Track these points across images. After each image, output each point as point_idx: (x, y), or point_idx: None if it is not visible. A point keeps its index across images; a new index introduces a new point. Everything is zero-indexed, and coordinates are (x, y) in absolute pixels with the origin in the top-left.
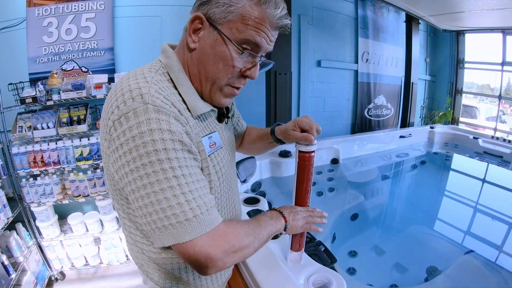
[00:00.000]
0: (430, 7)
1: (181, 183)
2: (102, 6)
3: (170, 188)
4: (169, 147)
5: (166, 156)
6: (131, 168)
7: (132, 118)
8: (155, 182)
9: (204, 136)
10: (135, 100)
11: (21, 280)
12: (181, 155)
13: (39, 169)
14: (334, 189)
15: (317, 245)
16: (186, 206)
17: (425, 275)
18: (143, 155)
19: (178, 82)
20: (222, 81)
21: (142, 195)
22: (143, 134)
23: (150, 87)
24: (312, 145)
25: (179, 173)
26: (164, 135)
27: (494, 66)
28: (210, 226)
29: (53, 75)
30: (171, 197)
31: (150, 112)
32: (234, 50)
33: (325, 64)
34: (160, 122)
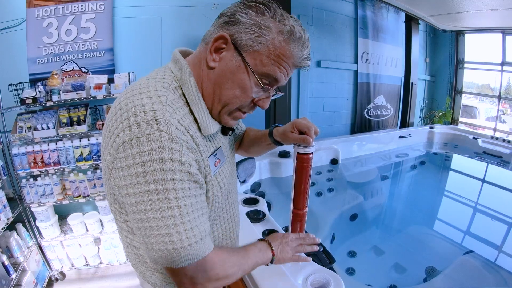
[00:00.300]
0: (429, 7)
1: (182, 213)
2: (102, 6)
3: (172, 217)
4: (177, 177)
5: (172, 186)
6: (135, 192)
7: (144, 143)
8: (158, 209)
9: (210, 155)
10: (149, 125)
11: (21, 280)
12: (186, 185)
13: (39, 170)
14: (334, 190)
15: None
16: (183, 234)
17: (424, 276)
18: (150, 182)
19: (191, 99)
20: (234, 106)
21: (142, 218)
22: (153, 162)
23: (166, 110)
24: (310, 147)
25: (182, 203)
26: (174, 165)
27: (494, 66)
28: (201, 255)
29: (53, 76)
30: (171, 225)
31: (163, 141)
32: (254, 82)
33: (324, 65)
34: (172, 152)
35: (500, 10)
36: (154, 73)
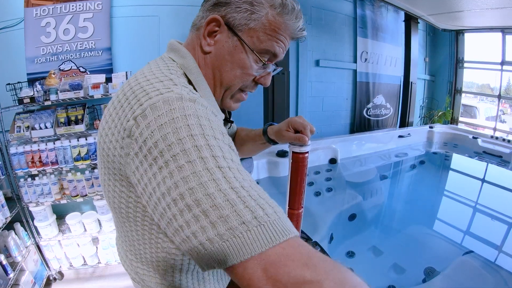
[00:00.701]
0: (429, 6)
1: (237, 177)
2: (99, 6)
3: (213, 180)
4: (209, 133)
5: (205, 142)
6: (159, 165)
7: (161, 107)
8: (191, 175)
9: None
10: (163, 93)
11: (19, 279)
12: (225, 147)
13: (37, 169)
14: (332, 189)
15: (312, 246)
16: (240, 205)
17: (423, 276)
18: (174, 144)
19: (198, 85)
20: (236, 87)
21: (174, 198)
22: (174, 120)
23: (182, 89)
24: (306, 146)
25: (224, 164)
26: (201, 121)
27: (494, 66)
28: (288, 233)
29: (50, 75)
30: (236, 199)
31: (184, 101)
32: (254, 59)
33: (323, 64)
34: (196, 109)
35: (500, 9)
36: (154, 63)
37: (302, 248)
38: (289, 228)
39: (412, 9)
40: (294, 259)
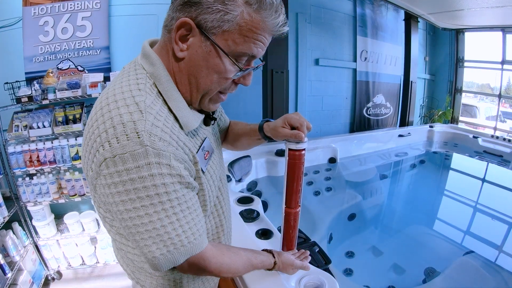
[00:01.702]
0: (429, 5)
1: (179, 218)
2: (98, 4)
3: (170, 224)
4: (170, 190)
5: (167, 198)
6: (127, 208)
7: (129, 161)
8: (157, 221)
9: (197, 150)
10: (130, 139)
11: (17, 279)
12: (180, 194)
13: (35, 168)
14: (332, 189)
15: (311, 245)
16: (183, 235)
17: (423, 277)
18: (144, 198)
19: (167, 96)
20: (214, 92)
21: (140, 231)
22: (144, 179)
23: (146, 120)
24: (302, 143)
25: (178, 210)
26: (165, 179)
27: (494, 65)
28: (200, 248)
29: (48, 74)
30: (171, 231)
31: (150, 156)
32: (230, 63)
33: (323, 63)
34: (161, 167)
35: (500, 7)
36: (125, 72)
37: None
38: (202, 243)
39: (412, 8)
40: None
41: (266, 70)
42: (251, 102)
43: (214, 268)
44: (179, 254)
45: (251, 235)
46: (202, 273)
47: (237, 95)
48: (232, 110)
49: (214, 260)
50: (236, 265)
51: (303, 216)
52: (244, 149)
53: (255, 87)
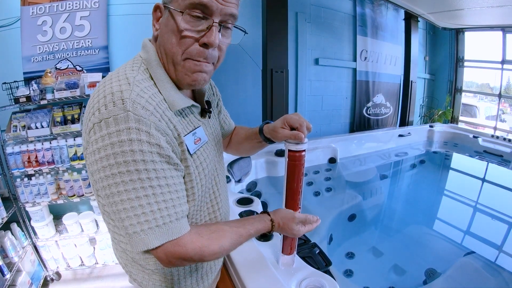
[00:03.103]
0: (429, 4)
1: (156, 193)
2: (96, 4)
3: (146, 196)
4: (147, 158)
5: (144, 167)
6: (106, 175)
7: (112, 124)
8: (132, 190)
9: (187, 133)
10: (116, 105)
11: (16, 280)
12: (159, 166)
13: (34, 169)
14: (332, 189)
15: (311, 247)
16: (158, 214)
17: (424, 278)
18: (121, 164)
19: (156, 77)
20: (178, 56)
21: (116, 201)
22: (122, 143)
23: (132, 90)
24: (302, 144)
25: (155, 183)
26: (143, 146)
27: (494, 65)
28: (177, 234)
29: (46, 74)
30: (146, 205)
31: (130, 121)
32: (184, 19)
33: (323, 62)
34: (140, 133)
35: (500, 7)
36: (129, 61)
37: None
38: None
39: (412, 7)
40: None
41: (266, 70)
42: (250, 102)
43: (193, 254)
44: (154, 236)
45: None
46: (183, 263)
47: (237, 95)
48: (232, 110)
49: (191, 245)
50: (220, 244)
51: None
52: (248, 154)
53: (254, 86)
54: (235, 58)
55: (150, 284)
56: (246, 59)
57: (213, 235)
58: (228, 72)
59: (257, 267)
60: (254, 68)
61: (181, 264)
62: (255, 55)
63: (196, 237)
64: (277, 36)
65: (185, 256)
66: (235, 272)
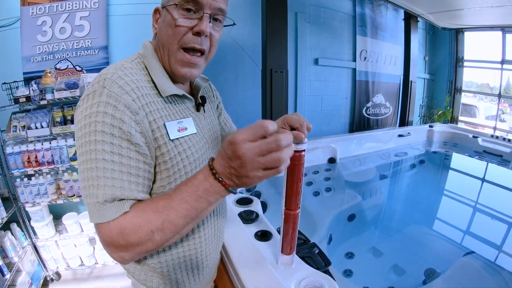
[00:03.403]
0: (429, 4)
1: (106, 167)
2: (96, 4)
3: (96, 168)
4: (106, 130)
5: (101, 138)
6: (77, 145)
7: (90, 99)
8: (88, 160)
9: (172, 120)
10: (99, 84)
11: (16, 280)
12: (117, 141)
13: (33, 169)
14: (331, 189)
15: (311, 247)
16: (101, 189)
17: (423, 278)
18: (86, 134)
19: (149, 66)
20: (174, 46)
21: (79, 170)
22: (91, 114)
23: (115, 73)
24: (302, 144)
25: (108, 157)
26: (106, 118)
27: (494, 65)
28: (113, 216)
29: (46, 74)
30: (95, 177)
31: (103, 96)
32: (176, 12)
33: (322, 62)
34: (107, 106)
35: (500, 7)
36: None
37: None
38: (119, 212)
39: (412, 8)
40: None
41: (265, 70)
42: (250, 102)
43: (118, 239)
44: (94, 211)
45: (250, 237)
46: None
47: (236, 95)
48: (232, 110)
49: (115, 231)
50: (147, 222)
51: (302, 217)
52: None
53: (254, 86)
54: (234, 58)
55: (142, 274)
56: (245, 59)
57: (138, 214)
58: (227, 72)
59: (256, 267)
60: (254, 68)
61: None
62: (255, 55)
63: (121, 219)
64: (276, 36)
65: (111, 243)
66: (234, 271)
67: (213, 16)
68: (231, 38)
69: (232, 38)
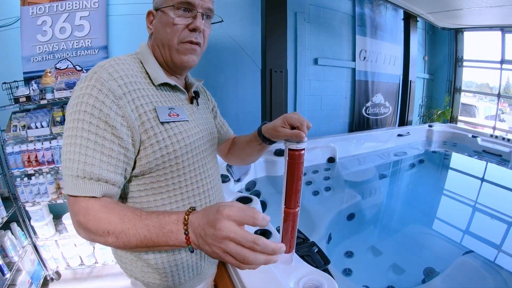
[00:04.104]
0: (428, 4)
1: (82, 144)
2: (96, 4)
3: (74, 144)
4: (87, 110)
5: (82, 117)
6: (66, 120)
7: (82, 81)
8: (68, 136)
9: (162, 106)
10: (93, 70)
11: (16, 280)
12: (95, 122)
13: (34, 169)
14: (331, 188)
15: (310, 246)
16: (75, 164)
17: (423, 277)
18: (72, 112)
19: (144, 60)
20: (174, 41)
21: (63, 144)
22: (79, 96)
23: (108, 62)
24: (303, 143)
25: (85, 135)
26: (89, 100)
27: (493, 64)
28: (82, 193)
29: (46, 74)
30: (71, 152)
31: (92, 80)
32: (172, 13)
33: (322, 62)
34: (93, 89)
35: (499, 7)
36: None
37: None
38: (89, 191)
39: (411, 7)
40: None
41: (265, 70)
42: (250, 101)
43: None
44: (66, 183)
45: None
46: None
47: (236, 94)
48: (232, 109)
49: (81, 209)
50: (107, 222)
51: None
52: (251, 160)
53: (253, 86)
54: (234, 58)
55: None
56: (245, 59)
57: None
58: (227, 72)
59: None
60: (253, 68)
61: (79, 229)
62: (254, 55)
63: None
64: (276, 36)
65: (74, 219)
66: (233, 269)
67: (205, 14)
68: (231, 38)
69: (231, 38)
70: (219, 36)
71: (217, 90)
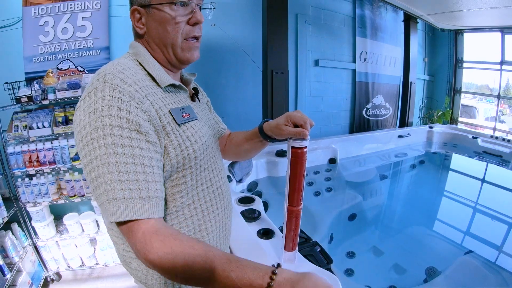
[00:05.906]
0: (428, 6)
1: (118, 161)
2: (98, 5)
3: (108, 164)
4: (114, 123)
5: (110, 132)
6: (83, 144)
7: (92, 95)
8: (98, 157)
9: (175, 108)
10: (99, 80)
11: (16, 280)
12: (126, 133)
13: (35, 169)
14: (332, 189)
15: (313, 245)
16: (117, 185)
17: (424, 276)
18: (92, 131)
19: (144, 62)
20: (177, 39)
21: (89, 169)
22: (96, 110)
23: (114, 67)
24: (306, 140)
25: (119, 150)
26: (112, 111)
27: (493, 66)
28: (136, 215)
29: (48, 74)
30: (107, 173)
31: (106, 90)
32: (170, 10)
33: (322, 64)
34: (111, 99)
35: (499, 8)
36: None
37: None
38: (144, 212)
39: (411, 9)
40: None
41: (266, 71)
42: (251, 102)
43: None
44: (111, 209)
45: (252, 235)
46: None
47: (237, 95)
48: (232, 110)
49: (157, 240)
50: (189, 260)
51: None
52: (248, 156)
53: (255, 87)
54: (236, 59)
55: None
56: (246, 60)
57: (185, 244)
58: (228, 72)
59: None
60: (255, 69)
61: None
62: (256, 56)
63: (167, 233)
64: (277, 38)
65: (137, 248)
66: None
67: (199, 5)
68: (232, 39)
69: (233, 39)
70: (220, 37)
71: (218, 91)
